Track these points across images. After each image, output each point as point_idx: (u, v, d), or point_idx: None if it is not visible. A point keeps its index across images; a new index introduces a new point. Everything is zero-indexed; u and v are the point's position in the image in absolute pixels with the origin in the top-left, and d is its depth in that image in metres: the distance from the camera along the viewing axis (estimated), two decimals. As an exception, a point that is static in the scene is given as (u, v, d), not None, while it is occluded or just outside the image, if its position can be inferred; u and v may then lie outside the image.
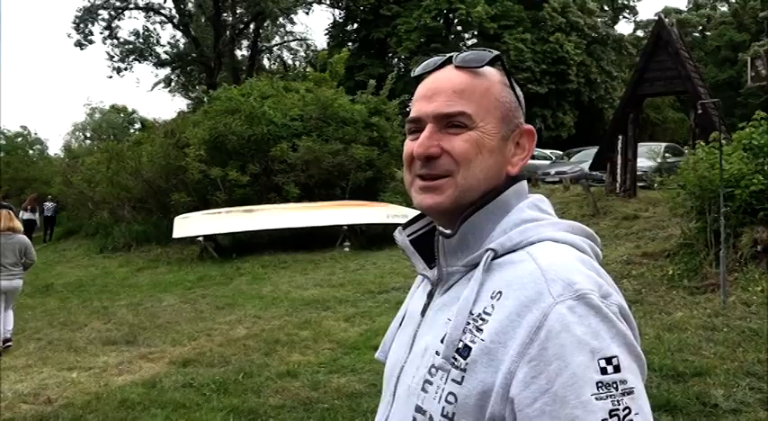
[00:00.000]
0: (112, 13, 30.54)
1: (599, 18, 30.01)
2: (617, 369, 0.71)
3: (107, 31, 30.56)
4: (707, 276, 6.65)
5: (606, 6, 33.25)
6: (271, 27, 33.91)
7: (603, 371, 0.70)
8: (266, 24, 33.04)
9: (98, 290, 9.96)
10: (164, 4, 31.53)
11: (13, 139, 36.98)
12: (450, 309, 0.83)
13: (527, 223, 0.84)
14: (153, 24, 32.43)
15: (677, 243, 7.83)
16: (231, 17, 32.14)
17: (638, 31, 36.78)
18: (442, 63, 0.90)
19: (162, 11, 31.74)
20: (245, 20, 32.23)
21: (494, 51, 0.88)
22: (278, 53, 35.94)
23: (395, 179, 14.21)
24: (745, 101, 26.88)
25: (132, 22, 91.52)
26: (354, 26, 31.09)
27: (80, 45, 30.23)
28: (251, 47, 33.64)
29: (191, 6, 31.88)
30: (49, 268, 12.95)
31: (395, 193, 13.54)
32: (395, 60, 30.27)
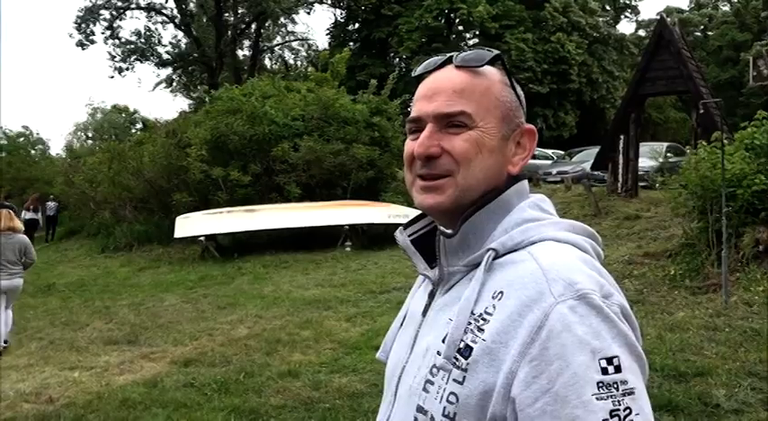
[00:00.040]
0: (114, 13, 30.58)
1: (600, 18, 29.97)
2: (618, 369, 0.71)
3: (109, 31, 30.62)
4: (709, 276, 6.63)
5: (608, 6, 33.19)
6: (272, 27, 33.93)
7: (604, 371, 0.70)
8: (268, 24, 33.06)
9: (100, 289, 9.97)
10: (165, 4, 31.62)
11: (14, 139, 37.07)
12: (452, 308, 0.83)
13: (528, 223, 0.84)
14: (154, 24, 32.48)
15: (679, 243, 7.82)
16: (233, 17, 32.15)
17: (639, 31, 36.74)
18: (443, 63, 0.90)
19: (163, 11, 31.81)
20: (246, 20, 32.23)
21: (494, 50, 0.88)
22: (279, 53, 36.04)
23: (396, 179, 14.21)
24: (747, 100, 26.83)
25: (134, 22, 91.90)
26: (356, 26, 31.11)
27: (82, 45, 30.29)
28: (252, 47, 33.65)
29: (192, 6, 31.92)
30: (50, 268, 12.97)
31: (396, 193, 13.54)
32: (396, 60, 30.30)
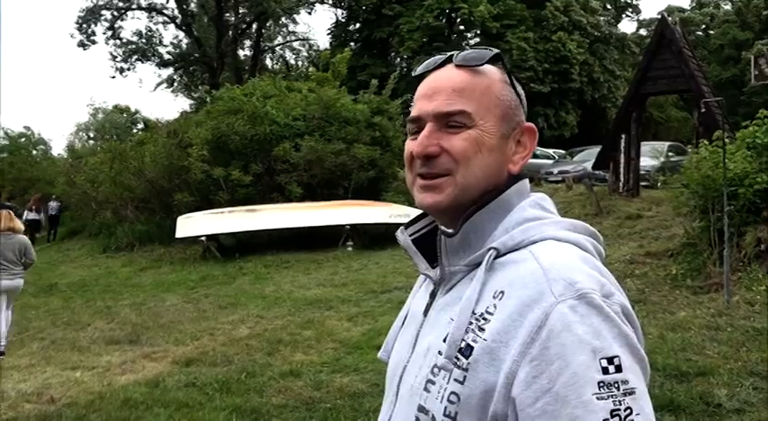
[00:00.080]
0: (115, 14, 30.63)
1: (602, 17, 29.91)
2: (618, 369, 0.70)
3: (110, 32, 30.68)
4: (710, 276, 6.62)
5: (609, 5, 33.12)
6: (273, 27, 33.92)
7: (605, 370, 0.70)
8: (269, 24, 33.05)
9: (101, 289, 9.98)
10: (166, 4, 31.66)
11: (16, 140, 37.02)
12: (453, 308, 0.83)
13: (529, 222, 0.84)
14: (155, 25, 32.52)
15: (680, 242, 7.81)
16: (234, 17, 32.16)
17: (641, 30, 36.66)
18: (443, 62, 0.89)
19: (164, 11, 31.86)
20: (247, 20, 32.23)
21: (494, 49, 0.88)
22: (280, 53, 36.02)
23: (397, 179, 14.20)
24: (749, 99, 26.78)
25: (135, 23, 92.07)
26: (357, 26, 31.10)
27: (83, 45, 30.35)
28: (253, 47, 33.67)
29: (193, 6, 31.93)
30: (52, 268, 12.99)
31: (397, 193, 13.54)
32: (397, 60, 30.30)
